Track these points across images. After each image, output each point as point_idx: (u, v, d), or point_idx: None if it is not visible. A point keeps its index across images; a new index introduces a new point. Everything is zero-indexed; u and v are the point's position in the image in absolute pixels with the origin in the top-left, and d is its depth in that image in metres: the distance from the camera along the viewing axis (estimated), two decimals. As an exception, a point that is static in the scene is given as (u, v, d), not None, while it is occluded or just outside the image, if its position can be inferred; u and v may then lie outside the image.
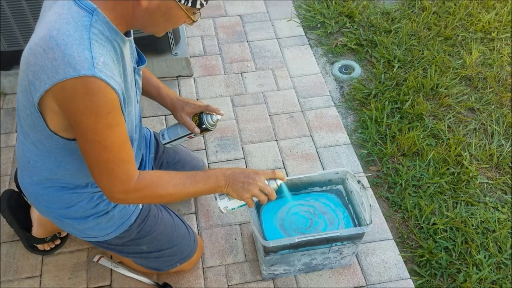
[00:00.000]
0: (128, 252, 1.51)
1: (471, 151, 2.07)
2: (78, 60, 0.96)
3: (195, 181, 1.22)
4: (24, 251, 1.69)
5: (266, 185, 1.25)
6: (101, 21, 1.02)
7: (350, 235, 1.50)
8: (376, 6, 2.77)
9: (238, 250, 1.73)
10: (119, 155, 1.10)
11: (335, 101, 2.28)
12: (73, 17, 0.99)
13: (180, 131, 1.48)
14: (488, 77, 2.39)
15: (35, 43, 1.00)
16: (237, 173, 1.25)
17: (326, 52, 2.53)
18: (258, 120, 2.17)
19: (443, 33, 2.59)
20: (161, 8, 1.04)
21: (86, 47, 0.98)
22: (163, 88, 1.50)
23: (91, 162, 1.11)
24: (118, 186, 1.14)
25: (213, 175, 1.25)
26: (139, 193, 1.17)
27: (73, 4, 1.01)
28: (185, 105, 1.46)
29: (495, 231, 1.80)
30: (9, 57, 2.11)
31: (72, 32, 0.98)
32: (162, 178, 1.21)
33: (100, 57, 0.99)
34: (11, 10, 1.95)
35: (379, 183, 1.97)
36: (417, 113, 2.19)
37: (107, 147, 1.07)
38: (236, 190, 1.25)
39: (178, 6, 1.04)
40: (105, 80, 0.99)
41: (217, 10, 2.73)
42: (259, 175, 1.25)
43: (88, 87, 0.98)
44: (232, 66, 2.42)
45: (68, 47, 0.97)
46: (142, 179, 1.16)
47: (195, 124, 1.45)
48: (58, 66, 0.96)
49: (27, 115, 1.11)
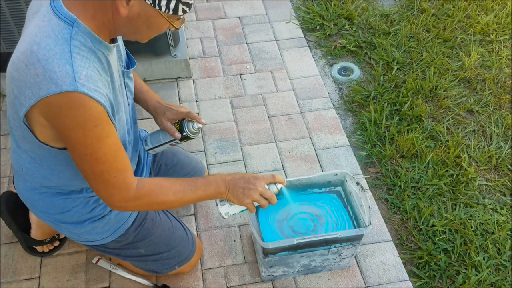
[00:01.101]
0: (125, 255, 1.50)
1: (470, 153, 2.07)
2: (59, 75, 0.95)
3: (195, 188, 1.22)
4: (23, 253, 1.68)
5: (267, 189, 1.25)
6: (82, 32, 1.00)
7: (349, 236, 1.50)
8: (375, 8, 2.78)
9: (237, 251, 1.73)
10: (113, 165, 1.09)
11: (334, 103, 2.29)
12: (53, 29, 0.98)
13: (162, 137, 1.45)
14: (487, 79, 2.39)
15: (17, 57, 0.99)
16: (237, 178, 1.25)
17: (325, 54, 2.53)
18: (257, 122, 2.17)
19: (442, 35, 2.60)
20: (141, 16, 1.01)
21: (67, 61, 0.96)
22: (146, 92, 1.47)
23: (87, 174, 1.10)
24: (117, 195, 1.13)
25: (213, 181, 1.24)
26: (139, 201, 1.17)
27: (53, 15, 0.99)
28: (167, 110, 1.42)
29: (494, 233, 1.80)
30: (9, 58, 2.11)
31: (52, 46, 0.96)
32: (162, 185, 1.20)
33: (82, 70, 0.98)
34: (10, 12, 1.95)
35: (378, 184, 1.97)
36: (416, 115, 2.20)
37: (100, 159, 1.06)
38: (236, 196, 1.24)
39: (159, 14, 1.01)
40: (88, 94, 0.97)
41: (216, 12, 2.73)
42: (259, 180, 1.25)
43: (71, 102, 0.97)
44: (231, 68, 2.42)
45: (49, 62, 0.95)
46: (141, 187, 1.16)
47: (175, 128, 1.41)
48: (41, 82, 0.95)
49: (16, 126, 1.11)
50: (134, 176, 1.17)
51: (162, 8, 1.00)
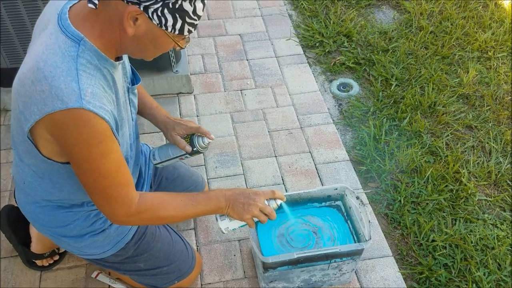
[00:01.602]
0: (125, 270, 1.50)
1: (469, 168, 2.08)
2: (65, 92, 0.96)
3: (196, 203, 1.23)
4: (23, 267, 1.68)
5: (266, 205, 1.26)
6: (89, 50, 1.02)
7: (350, 251, 1.50)
8: (374, 26, 2.81)
9: (237, 266, 1.72)
10: (116, 180, 1.10)
11: (333, 118, 2.31)
12: (60, 47, 0.99)
13: (171, 152, 1.46)
14: (485, 95, 2.41)
15: (24, 73, 1.01)
16: (237, 194, 1.26)
17: (325, 70, 2.56)
18: (257, 137, 2.19)
19: (440, 52, 2.63)
20: (148, 36, 1.03)
21: (73, 79, 0.98)
22: (156, 107, 1.49)
23: (89, 189, 1.11)
24: (119, 210, 1.14)
25: (214, 196, 1.25)
26: (141, 215, 1.18)
27: (60, 33, 1.01)
28: (177, 125, 1.44)
29: (494, 248, 1.79)
30: (12, 74, 2.13)
31: (59, 63, 0.98)
32: (164, 200, 1.21)
33: (88, 88, 0.99)
34: (13, 27, 1.98)
35: (378, 199, 1.98)
36: (415, 130, 2.21)
37: (103, 174, 1.07)
38: (236, 211, 1.26)
39: (165, 34, 1.03)
40: (93, 111, 0.99)
41: (217, 29, 2.77)
42: (259, 195, 1.26)
43: (76, 119, 0.98)
44: (232, 83, 2.45)
45: (55, 79, 0.97)
46: (143, 202, 1.17)
47: (185, 142, 1.42)
48: (46, 98, 0.97)
49: (20, 141, 1.12)
50: (136, 191, 1.18)
51: (168, 28, 1.01)
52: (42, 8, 1.93)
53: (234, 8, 2.92)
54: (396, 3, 3.01)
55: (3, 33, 1.99)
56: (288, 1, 3.02)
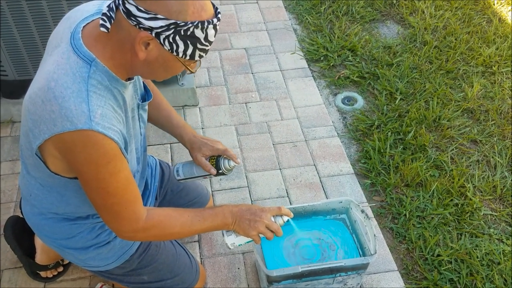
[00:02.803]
0: (129, 282, 1.49)
1: (474, 183, 2.07)
2: (75, 113, 0.97)
3: (203, 219, 1.24)
4: (27, 278, 1.68)
5: (273, 222, 1.26)
6: (100, 71, 1.02)
7: (355, 265, 1.49)
8: (378, 41, 2.83)
9: (241, 279, 1.71)
10: (124, 197, 1.11)
11: (338, 132, 2.31)
12: (72, 67, 1.00)
13: (195, 171, 1.47)
14: (490, 109, 2.42)
15: (35, 92, 1.02)
16: (244, 210, 1.26)
17: (329, 84, 2.58)
18: (262, 149, 2.19)
19: (445, 67, 2.64)
20: (159, 60, 1.03)
21: (84, 100, 0.98)
22: (183, 127, 1.48)
23: (97, 205, 1.12)
24: (126, 226, 1.15)
25: (220, 212, 1.26)
26: (148, 232, 1.18)
27: (72, 53, 1.01)
28: (203, 145, 1.43)
29: (500, 263, 1.78)
30: (19, 86, 2.16)
31: (70, 84, 0.99)
32: (171, 216, 1.22)
33: (97, 109, 1.00)
34: (22, 40, 2.01)
35: (383, 213, 1.97)
36: (419, 144, 2.21)
37: (111, 193, 1.08)
38: (242, 228, 1.26)
39: (176, 58, 1.03)
40: (102, 132, 0.99)
41: (223, 43, 2.79)
42: (265, 212, 1.26)
43: (86, 140, 0.99)
44: (237, 96, 2.46)
45: (66, 100, 0.97)
46: (150, 218, 1.17)
47: (210, 164, 1.42)
48: (56, 118, 0.98)
49: (28, 155, 1.14)
50: (144, 207, 1.18)
51: (179, 54, 1.01)
52: (50, 21, 1.96)
53: (239, 23, 2.95)
54: (401, 18, 3.03)
55: (12, 45, 2.02)
56: (293, 15, 3.05)
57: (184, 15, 0.96)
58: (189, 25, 0.97)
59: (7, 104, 2.25)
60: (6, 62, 2.07)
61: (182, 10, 0.96)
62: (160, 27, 0.96)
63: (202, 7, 0.98)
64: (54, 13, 1.94)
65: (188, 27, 0.97)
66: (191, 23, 0.97)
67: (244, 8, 3.07)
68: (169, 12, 0.95)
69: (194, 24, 0.97)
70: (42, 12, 1.93)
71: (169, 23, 0.96)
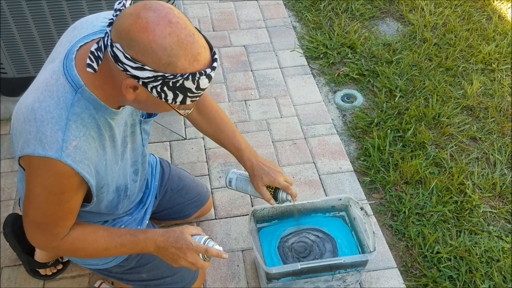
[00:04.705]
0: (128, 280, 1.50)
1: (474, 180, 2.07)
2: (49, 140, 0.97)
3: (120, 245, 1.20)
4: (26, 276, 1.68)
5: (198, 260, 1.21)
6: (86, 99, 1.00)
7: (354, 262, 1.49)
8: (378, 38, 2.83)
9: (240, 277, 1.72)
10: (55, 221, 1.10)
11: (337, 129, 2.31)
12: (58, 91, 0.98)
13: (250, 190, 1.47)
14: (489, 107, 2.41)
15: (21, 108, 1.01)
16: (170, 242, 1.21)
17: (329, 82, 2.57)
18: (261, 147, 2.19)
19: (444, 64, 2.64)
20: (149, 101, 1.00)
21: (61, 128, 0.97)
22: (245, 149, 1.44)
23: (26, 214, 1.10)
24: (40, 239, 1.14)
25: (143, 241, 1.21)
26: (58, 249, 1.17)
27: (62, 75, 0.99)
28: (264, 175, 1.40)
29: (499, 261, 1.78)
30: (19, 83, 2.15)
31: (52, 108, 0.97)
32: (85, 241, 1.18)
33: (73, 140, 0.98)
34: (21, 38, 2.00)
35: (382, 210, 1.97)
36: (419, 141, 2.21)
37: (47, 215, 1.08)
38: (166, 259, 1.24)
39: (166, 103, 0.99)
40: (70, 165, 0.98)
41: (222, 40, 2.79)
42: (190, 250, 1.20)
43: (50, 168, 0.99)
44: (236, 94, 2.46)
45: (44, 124, 0.97)
46: (65, 241, 1.15)
47: (270, 195, 1.42)
48: (31, 140, 0.97)
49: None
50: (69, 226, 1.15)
51: (169, 101, 0.97)
52: (49, 18, 1.96)
53: (239, 20, 2.95)
54: (400, 15, 3.03)
55: (11, 43, 2.02)
56: (293, 13, 3.05)
57: (173, 67, 0.91)
58: (178, 77, 0.92)
59: (6, 102, 2.25)
60: (5, 60, 2.07)
61: (172, 63, 0.90)
62: (147, 77, 0.91)
63: (195, 58, 0.92)
64: (53, 10, 1.94)
65: (177, 79, 0.92)
66: (181, 76, 0.92)
67: (244, 5, 3.06)
68: (157, 65, 0.90)
69: (184, 77, 0.92)
70: (41, 9, 1.92)
71: (157, 75, 0.91)
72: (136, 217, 1.47)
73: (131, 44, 0.89)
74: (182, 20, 0.92)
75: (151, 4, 0.91)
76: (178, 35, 0.90)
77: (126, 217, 1.44)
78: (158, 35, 0.89)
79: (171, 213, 1.73)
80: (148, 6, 0.91)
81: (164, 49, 0.89)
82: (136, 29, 0.89)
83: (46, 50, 2.07)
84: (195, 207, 1.76)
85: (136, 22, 0.89)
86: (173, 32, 0.90)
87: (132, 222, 1.45)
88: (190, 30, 0.92)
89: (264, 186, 1.41)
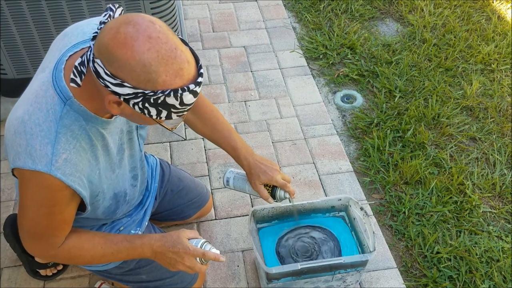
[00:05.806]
0: (128, 281, 1.50)
1: (473, 180, 2.07)
2: (38, 153, 0.96)
3: (117, 252, 1.20)
4: (26, 276, 1.68)
5: (195, 264, 1.21)
6: (75, 111, 0.99)
7: (354, 262, 1.49)
8: (377, 39, 2.83)
9: (240, 277, 1.72)
10: (49, 231, 1.10)
11: (337, 129, 2.31)
12: (47, 103, 0.98)
13: (247, 189, 1.47)
14: (489, 107, 2.42)
15: (12, 120, 1.01)
16: (167, 247, 1.20)
17: (328, 82, 2.58)
18: (261, 147, 2.19)
19: (444, 65, 2.64)
20: (134, 115, 0.99)
21: (50, 142, 0.97)
22: (241, 148, 1.43)
23: (21, 225, 1.11)
24: (36, 248, 1.15)
25: (139, 247, 1.21)
26: (55, 258, 1.17)
27: (51, 86, 0.98)
28: (261, 173, 1.39)
29: (499, 261, 1.78)
30: (19, 84, 2.16)
31: (41, 121, 0.97)
32: (82, 248, 1.18)
33: (62, 153, 0.98)
34: (21, 38, 2.01)
35: (382, 211, 1.97)
36: (419, 142, 2.21)
37: (41, 226, 1.08)
38: (163, 264, 1.24)
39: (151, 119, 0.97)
40: (60, 178, 0.99)
41: (222, 41, 2.79)
42: (188, 255, 1.20)
43: (40, 182, 0.99)
44: (236, 94, 2.46)
45: (33, 137, 0.97)
46: (61, 249, 1.15)
47: (268, 193, 1.41)
48: (21, 153, 0.98)
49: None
50: (65, 234, 1.16)
51: (153, 116, 0.95)
52: (49, 19, 1.96)
53: (238, 21, 2.95)
54: (400, 16, 3.03)
55: (11, 44, 2.02)
56: (292, 13, 3.05)
57: (154, 83, 0.88)
58: (159, 94, 0.89)
59: (6, 102, 2.25)
60: (5, 60, 2.07)
61: (151, 79, 0.88)
62: (127, 94, 0.89)
63: (176, 73, 0.89)
64: (53, 11, 1.94)
65: (158, 96, 0.89)
66: (161, 92, 0.89)
67: (243, 6, 3.07)
68: (136, 81, 0.88)
69: (165, 93, 0.89)
70: (41, 10, 1.93)
71: (137, 92, 0.89)
72: (136, 218, 1.47)
73: (111, 60, 0.87)
74: (163, 35, 0.88)
75: (131, 18, 0.88)
76: (158, 50, 0.87)
77: (125, 218, 1.44)
78: (136, 51, 0.86)
79: (171, 214, 1.73)
80: (128, 20, 0.88)
81: (143, 65, 0.87)
82: (114, 45, 0.86)
83: (46, 51, 2.07)
84: (195, 208, 1.77)
85: (115, 37, 0.87)
86: (153, 47, 0.87)
87: (132, 224, 1.45)
88: (172, 44, 0.89)
89: (262, 185, 1.41)
